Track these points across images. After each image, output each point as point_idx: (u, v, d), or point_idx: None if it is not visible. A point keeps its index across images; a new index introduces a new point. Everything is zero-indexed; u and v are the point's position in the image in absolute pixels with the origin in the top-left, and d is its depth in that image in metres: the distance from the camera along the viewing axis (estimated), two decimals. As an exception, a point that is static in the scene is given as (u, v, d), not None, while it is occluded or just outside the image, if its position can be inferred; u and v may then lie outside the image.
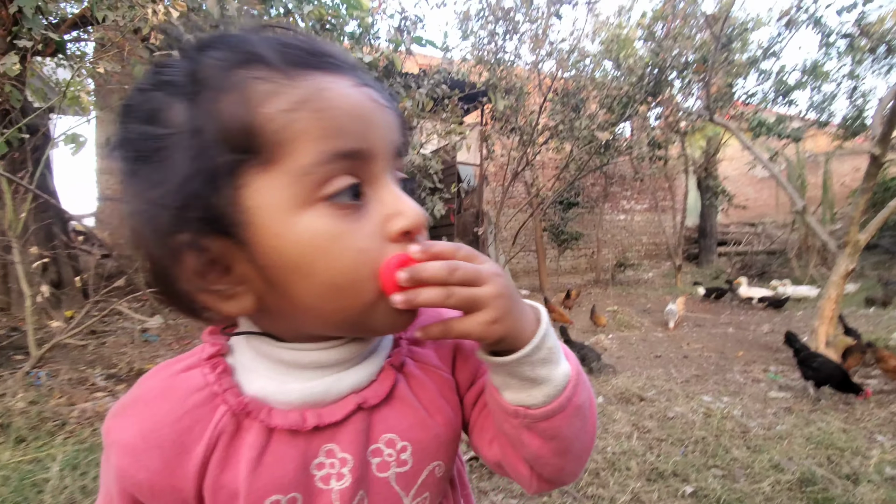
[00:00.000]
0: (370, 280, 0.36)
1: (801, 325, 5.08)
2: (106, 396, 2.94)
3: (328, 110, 0.35)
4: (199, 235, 0.34)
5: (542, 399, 0.39)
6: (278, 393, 0.40)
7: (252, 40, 0.36)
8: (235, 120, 0.33)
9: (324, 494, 0.40)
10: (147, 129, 0.35)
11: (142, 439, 0.39)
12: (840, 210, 8.81)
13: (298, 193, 0.34)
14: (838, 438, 2.27)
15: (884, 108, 3.79)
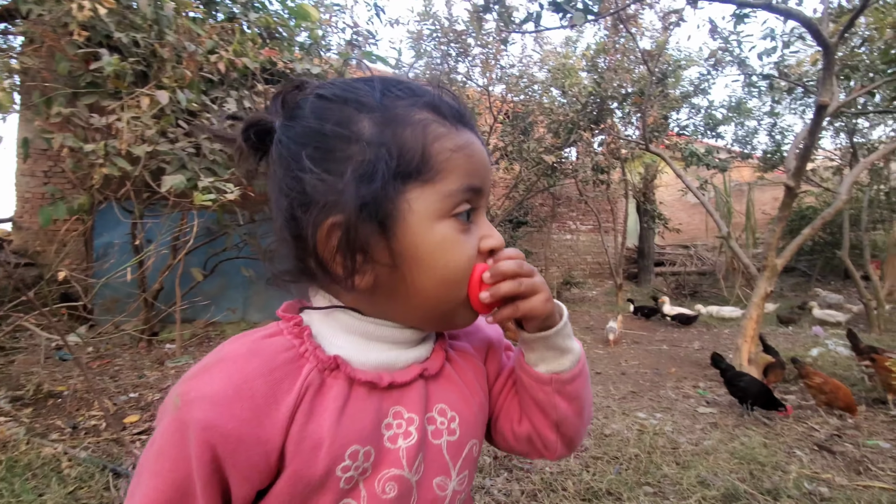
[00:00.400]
0: (467, 280, 0.47)
1: (728, 342, 5.41)
2: (9, 421, 2.64)
3: (473, 157, 0.48)
4: (358, 218, 0.43)
5: (569, 365, 0.53)
6: (358, 356, 0.47)
7: (430, 93, 0.48)
8: (416, 145, 0.45)
9: (392, 453, 0.47)
10: (340, 132, 0.45)
11: (234, 389, 0.42)
12: (761, 235, 9.58)
13: (441, 208, 0.46)
14: (760, 453, 2.41)
15: (798, 145, 4.17)
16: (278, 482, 0.43)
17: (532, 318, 0.50)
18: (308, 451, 0.43)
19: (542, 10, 2.77)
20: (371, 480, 0.46)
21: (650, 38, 7.20)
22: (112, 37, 2.79)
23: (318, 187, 0.44)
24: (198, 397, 0.41)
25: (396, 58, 5.81)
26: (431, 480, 0.49)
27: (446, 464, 0.50)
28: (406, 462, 0.47)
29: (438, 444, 0.50)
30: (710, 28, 4.71)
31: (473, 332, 0.60)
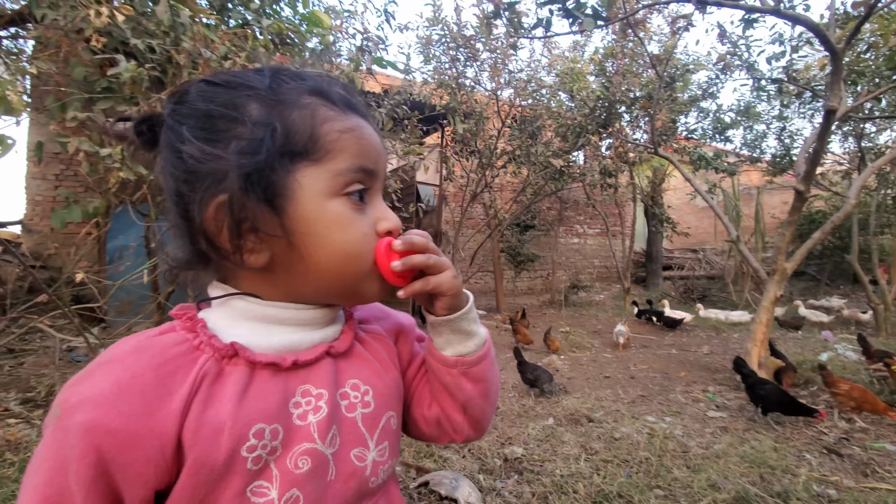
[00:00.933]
0: (368, 255, 0.49)
1: (737, 346, 5.38)
2: (20, 423, 2.66)
3: (363, 140, 0.50)
4: (246, 196, 0.44)
5: (473, 348, 0.55)
6: (259, 341, 0.47)
7: (321, 80, 0.50)
8: (304, 126, 0.46)
9: (302, 429, 0.47)
10: (227, 112, 0.45)
11: (119, 388, 0.40)
12: (770, 239, 9.52)
13: (332, 185, 0.47)
14: (770, 457, 2.40)
15: (807, 149, 4.16)
16: (179, 477, 0.41)
17: (441, 294, 0.52)
18: (208, 437, 0.41)
19: (551, 16, 2.80)
20: (283, 459, 0.45)
21: (658, 42, 7.21)
22: (128, 43, 2.84)
23: (201, 160, 0.44)
24: (79, 401, 0.39)
25: (405, 63, 5.84)
26: (349, 452, 0.50)
27: (363, 435, 0.51)
28: (318, 435, 0.47)
29: (353, 416, 0.51)
30: (718, 33, 4.71)
31: (385, 317, 0.63)
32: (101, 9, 2.22)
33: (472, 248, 8.51)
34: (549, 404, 3.25)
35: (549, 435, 2.68)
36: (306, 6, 4.17)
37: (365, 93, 4.69)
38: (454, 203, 9.16)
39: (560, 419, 2.96)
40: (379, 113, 4.47)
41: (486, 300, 9.04)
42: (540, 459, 2.37)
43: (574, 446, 2.52)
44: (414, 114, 4.82)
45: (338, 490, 0.48)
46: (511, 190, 9.49)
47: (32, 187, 6.40)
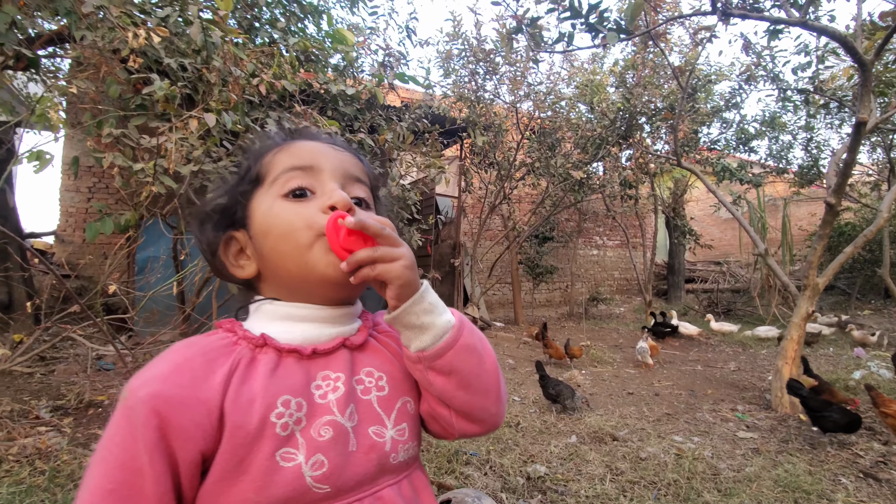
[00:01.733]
0: (303, 231, 0.55)
1: (765, 363, 5.22)
2: (50, 431, 2.72)
3: (292, 149, 0.61)
4: (231, 230, 0.61)
5: (430, 341, 0.54)
6: (284, 335, 0.55)
7: (272, 134, 0.66)
8: (252, 169, 0.61)
9: (323, 406, 0.53)
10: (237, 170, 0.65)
11: (174, 367, 0.49)
12: (798, 252, 9.25)
13: (272, 192, 0.58)
14: (804, 481, 2.30)
15: (838, 161, 4.05)
16: (221, 443, 0.48)
17: (390, 282, 0.53)
18: (243, 405, 0.48)
19: (574, 30, 2.81)
20: (307, 429, 0.51)
21: (679, 53, 7.15)
22: (161, 62, 2.94)
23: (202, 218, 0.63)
24: (143, 382, 0.47)
25: (425, 77, 5.91)
26: (367, 429, 0.55)
27: (379, 415, 0.56)
28: (337, 409, 0.53)
29: (368, 398, 0.56)
30: (743, 44, 4.65)
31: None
32: (139, 31, 2.30)
33: (491, 259, 8.49)
34: (571, 421, 3.19)
35: (573, 453, 2.63)
36: (331, 24, 4.27)
37: (386, 107, 4.76)
38: (472, 215, 9.17)
39: (583, 437, 2.90)
40: (400, 126, 4.53)
41: (505, 312, 8.98)
42: (564, 479, 2.32)
43: (599, 466, 2.46)
44: (435, 127, 4.86)
45: (360, 460, 0.53)
46: (530, 201, 9.46)
47: (66, 199, 6.63)
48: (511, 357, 5.32)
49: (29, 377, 3.60)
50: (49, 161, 3.33)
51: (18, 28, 3.61)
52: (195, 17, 2.83)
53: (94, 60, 3.47)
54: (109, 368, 3.99)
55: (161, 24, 2.85)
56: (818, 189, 9.17)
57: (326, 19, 4.41)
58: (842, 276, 9.47)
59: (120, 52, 2.97)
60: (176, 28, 3.04)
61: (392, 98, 5.39)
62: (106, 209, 3.64)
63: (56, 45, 4.80)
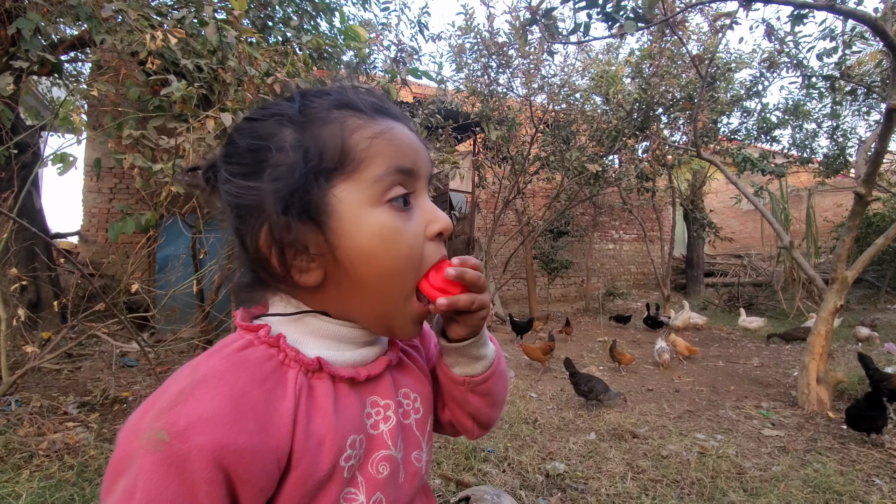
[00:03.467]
0: (412, 272, 0.48)
1: (790, 359, 5.08)
2: (78, 426, 2.80)
3: (396, 140, 0.48)
4: (296, 220, 0.45)
5: (481, 370, 0.57)
6: (335, 357, 0.49)
7: (346, 92, 0.50)
8: (335, 141, 0.47)
9: (377, 437, 0.49)
10: (262, 143, 0.47)
11: (233, 405, 0.40)
12: (823, 244, 8.99)
13: (371, 195, 0.46)
14: (836, 481, 2.23)
15: (867, 149, 3.91)
16: (286, 485, 0.42)
17: (472, 315, 0.52)
18: (314, 448, 0.43)
19: (590, 20, 2.75)
20: (365, 466, 0.48)
21: (697, 41, 6.97)
22: (177, 63, 2.97)
23: (239, 195, 0.46)
24: (194, 422, 0.37)
25: (437, 72, 5.89)
26: (410, 455, 0.53)
27: (418, 439, 0.55)
28: (391, 442, 0.50)
29: (409, 422, 0.54)
30: (765, 30, 4.50)
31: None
32: (156, 33, 2.33)
33: (505, 255, 8.44)
34: (589, 418, 3.15)
35: (592, 451, 2.60)
36: (343, 21, 4.26)
37: (400, 103, 4.75)
38: (486, 210, 9.12)
39: (602, 434, 2.87)
40: (413, 122, 4.51)
41: (519, 307, 8.93)
42: (584, 477, 2.30)
43: (619, 463, 2.43)
44: (448, 122, 4.83)
45: (406, 490, 0.52)
46: (544, 196, 9.37)
47: (89, 200, 6.80)
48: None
49: (57, 374, 3.70)
50: (72, 163, 3.41)
51: (42, 34, 3.70)
52: (210, 17, 2.86)
53: (114, 63, 3.53)
54: (133, 365, 4.09)
55: (177, 25, 2.88)
56: (843, 179, 8.88)
57: (339, 16, 4.42)
58: (870, 269, 9.16)
59: (138, 54, 3.01)
60: (192, 29, 3.07)
61: (405, 94, 5.38)
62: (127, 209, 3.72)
63: (77, 50, 4.90)
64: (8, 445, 2.32)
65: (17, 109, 4.03)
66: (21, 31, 3.31)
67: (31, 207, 4.92)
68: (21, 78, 3.58)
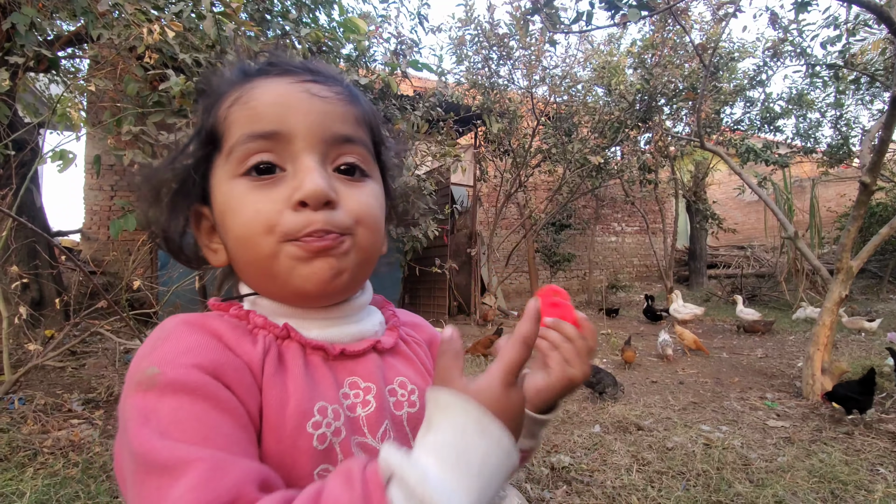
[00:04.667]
0: (262, 234, 0.43)
1: (794, 349, 5.07)
2: (82, 423, 2.80)
3: (251, 102, 0.44)
4: (195, 203, 0.48)
5: (527, 446, 0.53)
6: (302, 330, 0.46)
7: (241, 64, 0.48)
8: (208, 122, 0.46)
9: (354, 420, 0.46)
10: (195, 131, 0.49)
11: (207, 337, 0.41)
12: (826, 234, 8.94)
13: (230, 168, 0.45)
14: (841, 471, 2.23)
15: (871, 138, 3.87)
16: (263, 432, 0.40)
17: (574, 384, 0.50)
18: (275, 403, 0.41)
19: (592, 9, 2.71)
20: (346, 444, 0.44)
21: (700, 30, 6.90)
22: (176, 58, 2.94)
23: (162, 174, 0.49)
24: (177, 354, 0.38)
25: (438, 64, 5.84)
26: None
27: (407, 435, 0.49)
28: (367, 430, 0.46)
29: (400, 415, 0.49)
30: (769, 18, 4.45)
31: (419, 325, 0.62)
32: (153, 27, 2.30)
33: (507, 248, 8.42)
34: (594, 411, 3.15)
35: (597, 443, 2.59)
36: (342, 13, 4.22)
37: (400, 96, 4.71)
38: (488, 204, 9.09)
39: (607, 427, 2.86)
40: (414, 116, 4.48)
41: (522, 301, 8.92)
42: (589, 469, 2.29)
43: (624, 456, 2.42)
44: (449, 115, 4.80)
45: None
46: (546, 189, 9.34)
47: (90, 198, 6.78)
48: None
49: (61, 371, 3.71)
50: (72, 160, 3.39)
51: (38, 29, 3.66)
52: (208, 10, 2.82)
53: (112, 59, 3.50)
54: (137, 362, 4.09)
55: (175, 19, 2.85)
56: (847, 169, 8.82)
57: (338, 8, 4.37)
58: (872, 259, 9.13)
59: (136, 49, 2.99)
60: (189, 23, 3.03)
61: (405, 87, 5.33)
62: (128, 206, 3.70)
63: (74, 46, 4.86)
64: (12, 443, 2.32)
65: (15, 106, 4.01)
66: (16, 26, 3.28)
67: (31, 205, 4.91)
68: (17, 74, 3.56)
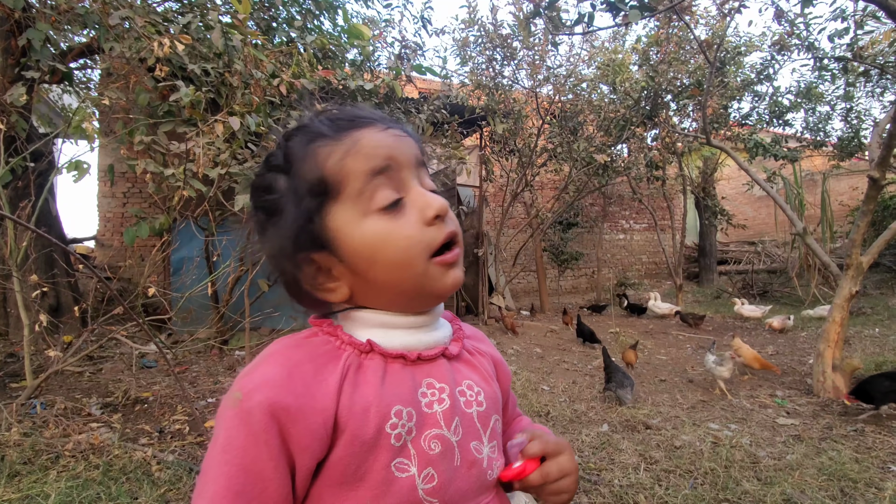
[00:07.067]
0: (419, 256, 0.52)
1: (805, 346, 5.03)
2: (101, 427, 2.87)
3: (363, 149, 0.52)
4: (310, 252, 0.53)
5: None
6: (385, 341, 0.54)
7: (314, 123, 0.55)
8: (315, 175, 0.52)
9: (430, 416, 0.53)
10: (267, 197, 0.55)
11: (287, 373, 0.48)
12: (839, 229, 8.82)
13: (359, 209, 0.52)
14: (850, 469, 2.22)
15: (881, 132, 3.83)
16: (336, 448, 0.48)
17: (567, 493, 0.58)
18: (359, 414, 0.48)
19: (594, 10, 2.72)
20: (417, 440, 0.51)
21: (705, 26, 6.86)
22: (185, 68, 3.01)
23: (278, 241, 0.54)
24: (257, 385, 0.47)
25: (442, 66, 5.87)
26: (469, 444, 0.55)
27: (478, 430, 0.57)
28: (444, 423, 0.53)
29: (470, 412, 0.56)
30: (774, 12, 4.41)
31: (483, 340, 0.68)
32: (164, 40, 2.36)
33: (515, 248, 8.43)
34: (602, 410, 3.16)
35: (605, 442, 2.61)
36: (346, 19, 4.27)
37: (405, 99, 4.75)
38: (494, 203, 9.10)
39: (615, 425, 2.88)
40: (419, 119, 4.52)
41: (530, 300, 8.92)
42: (596, 468, 2.31)
43: (632, 455, 2.44)
44: (454, 118, 4.82)
45: (463, 475, 0.54)
46: (552, 188, 9.32)
47: (104, 205, 6.91)
48: (538, 346, 5.29)
49: (79, 376, 3.80)
50: (87, 171, 3.48)
51: (52, 43, 3.76)
52: (216, 21, 2.89)
53: (123, 71, 3.58)
54: (152, 366, 4.17)
55: (183, 30, 2.91)
56: (859, 161, 8.70)
57: (342, 14, 4.42)
58: (887, 253, 9.00)
59: (146, 61, 3.06)
60: (198, 34, 3.10)
61: (410, 90, 5.37)
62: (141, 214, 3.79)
63: (86, 57, 4.98)
64: (35, 447, 2.39)
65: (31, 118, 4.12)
66: (31, 42, 3.37)
67: (48, 214, 5.03)
68: (33, 88, 3.66)
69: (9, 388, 3.43)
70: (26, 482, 2.08)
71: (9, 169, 3.12)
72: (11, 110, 3.35)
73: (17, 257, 2.81)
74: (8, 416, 2.62)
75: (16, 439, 2.42)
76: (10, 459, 2.24)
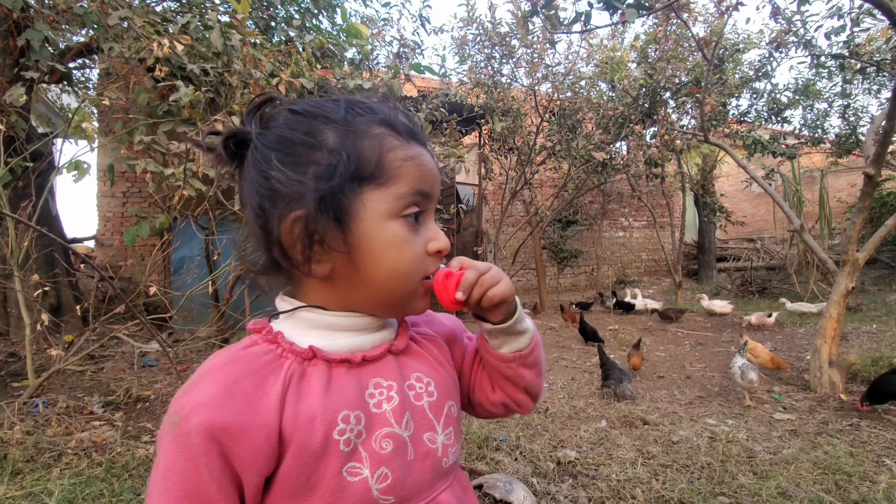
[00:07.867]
0: (417, 274, 0.54)
1: (803, 342, 5.06)
2: (104, 425, 2.89)
3: (422, 166, 0.55)
4: (316, 211, 0.50)
5: (526, 342, 0.61)
6: (330, 346, 0.53)
7: (389, 113, 0.56)
8: (373, 154, 0.52)
9: (380, 416, 0.53)
10: (307, 140, 0.52)
11: (224, 390, 0.47)
12: (837, 225, 8.84)
13: (391, 208, 0.52)
14: (845, 463, 2.25)
15: (876, 129, 3.85)
16: (284, 462, 0.47)
17: (502, 303, 0.57)
18: (304, 424, 0.48)
19: (591, 9, 2.74)
20: (368, 442, 0.51)
21: (703, 23, 6.87)
22: (184, 68, 3.02)
23: (284, 183, 0.50)
24: (194, 407, 0.45)
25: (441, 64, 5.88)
26: (422, 436, 0.56)
27: (430, 421, 0.57)
28: (394, 420, 0.53)
29: (421, 405, 0.57)
30: (771, 10, 4.43)
31: (432, 321, 0.69)
32: (163, 40, 2.38)
33: (514, 246, 8.45)
34: (600, 406, 3.18)
35: (603, 438, 2.63)
36: (345, 18, 4.28)
37: (403, 98, 4.76)
38: (494, 202, 9.12)
39: (613, 421, 2.90)
40: (417, 117, 4.53)
41: (530, 298, 8.94)
42: (594, 463, 2.34)
43: (629, 450, 2.46)
44: (452, 116, 4.84)
45: (417, 467, 0.54)
46: (551, 185, 9.34)
47: (103, 205, 6.93)
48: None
49: (81, 375, 3.82)
50: (86, 170, 3.49)
51: (50, 43, 3.77)
52: (214, 21, 2.90)
53: (123, 71, 3.60)
54: (153, 365, 4.20)
55: (182, 30, 2.92)
56: (857, 158, 8.71)
57: (340, 13, 4.43)
58: (885, 250, 9.02)
59: (146, 61, 3.07)
60: (196, 34, 3.11)
61: (409, 88, 5.38)
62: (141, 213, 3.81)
63: (85, 57, 4.98)
64: (38, 445, 2.41)
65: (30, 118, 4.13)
66: (30, 42, 3.38)
67: (48, 214, 5.05)
68: (32, 88, 3.67)
69: (10, 388, 3.46)
70: (29, 479, 2.10)
71: (9, 169, 3.14)
72: (11, 110, 3.37)
73: (18, 257, 2.82)
74: (10, 415, 2.64)
75: (18, 438, 2.44)
76: (13, 457, 2.26)
